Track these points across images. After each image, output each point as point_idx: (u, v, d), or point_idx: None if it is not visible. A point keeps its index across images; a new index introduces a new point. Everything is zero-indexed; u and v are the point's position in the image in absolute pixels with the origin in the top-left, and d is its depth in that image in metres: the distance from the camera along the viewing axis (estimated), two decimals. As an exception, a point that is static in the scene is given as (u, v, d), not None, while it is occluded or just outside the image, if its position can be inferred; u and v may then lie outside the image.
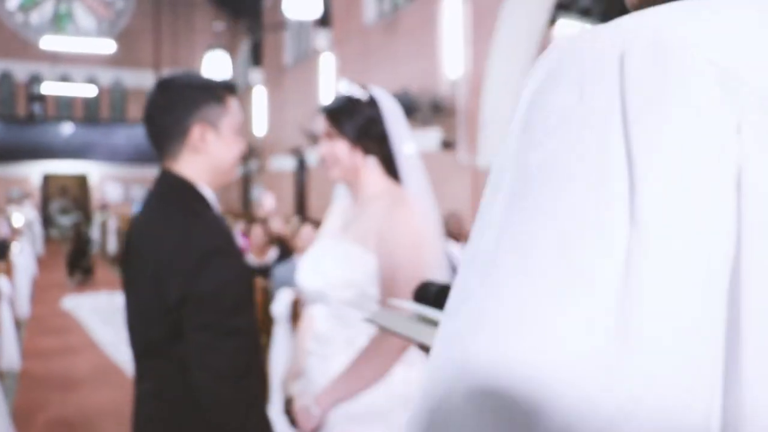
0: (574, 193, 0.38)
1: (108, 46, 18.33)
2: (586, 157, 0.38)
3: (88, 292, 10.26)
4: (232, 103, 1.65)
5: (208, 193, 1.60)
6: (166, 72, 20.37)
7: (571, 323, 0.36)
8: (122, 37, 20.92)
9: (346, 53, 14.04)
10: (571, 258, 0.37)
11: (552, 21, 10.38)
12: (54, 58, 19.87)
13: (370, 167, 1.86)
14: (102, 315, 8.56)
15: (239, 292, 1.48)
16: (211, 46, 14.57)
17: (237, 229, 8.10)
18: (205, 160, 1.59)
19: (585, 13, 11.23)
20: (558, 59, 0.43)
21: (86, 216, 19.52)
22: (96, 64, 21.07)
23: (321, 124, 1.88)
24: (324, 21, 14.28)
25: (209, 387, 1.42)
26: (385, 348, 1.71)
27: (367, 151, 1.84)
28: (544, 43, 10.20)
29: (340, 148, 1.83)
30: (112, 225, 14.51)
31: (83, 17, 21.66)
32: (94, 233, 16.31)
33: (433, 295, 0.75)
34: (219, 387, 1.42)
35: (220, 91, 1.62)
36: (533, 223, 0.39)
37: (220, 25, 19.08)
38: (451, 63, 10.36)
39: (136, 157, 20.59)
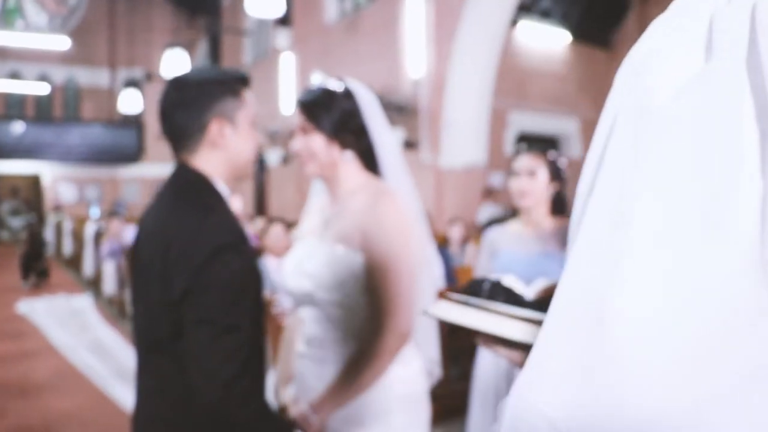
0: (706, 146, 0.38)
1: (61, 43, 17.85)
2: (715, 112, 0.39)
3: (43, 296, 9.94)
4: (247, 95, 1.64)
5: (223, 189, 1.59)
6: (122, 70, 19.95)
7: (713, 274, 0.36)
8: (76, 34, 20.34)
9: (307, 53, 13.94)
10: (706, 211, 0.37)
11: (513, 22, 10.48)
12: (3, 54, 19.29)
13: (348, 162, 1.81)
14: (59, 318, 8.30)
15: (243, 289, 1.45)
16: (168, 45, 14.32)
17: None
18: (223, 154, 1.59)
19: (545, 15, 11.35)
20: (678, 17, 0.43)
21: (39, 217, 19.00)
22: (48, 62, 20.49)
23: (295, 117, 1.81)
24: (284, 20, 14.14)
25: (204, 384, 1.39)
26: (380, 348, 1.66)
27: (344, 145, 1.78)
28: (505, 44, 10.29)
29: (317, 143, 1.77)
30: (68, 226, 14.13)
31: (34, 12, 20.99)
32: (48, 235, 15.89)
33: (488, 291, 0.74)
34: (213, 385, 1.38)
35: (235, 85, 1.61)
36: (664, 177, 0.39)
37: (177, 23, 18.77)
38: (413, 63, 10.35)
39: (91, 157, 20.15)
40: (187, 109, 1.55)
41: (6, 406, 5.11)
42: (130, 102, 17.10)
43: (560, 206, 2.81)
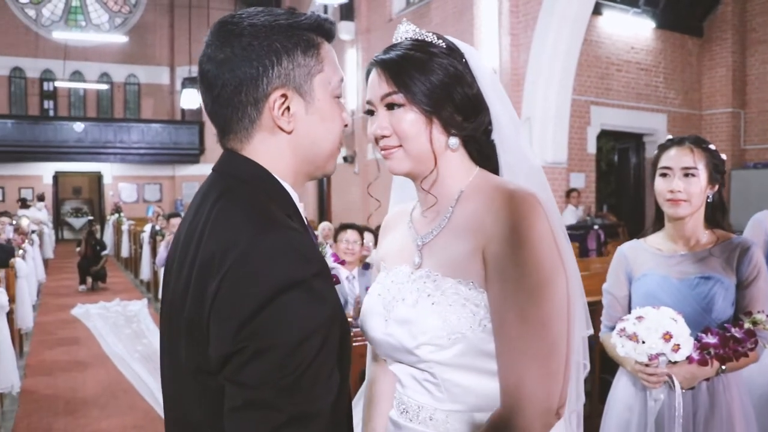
0: None
1: (120, 39, 18.11)
2: None
3: (99, 300, 9.68)
4: (329, 53, 1.11)
5: (293, 194, 1.09)
6: (182, 68, 20.01)
7: None
8: (136, 33, 20.50)
9: (371, 46, 13.67)
10: None
11: (596, 10, 9.66)
12: (66, 54, 19.52)
13: (455, 152, 1.26)
14: (114, 325, 8.01)
15: (321, 352, 0.92)
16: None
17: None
18: (289, 144, 1.08)
19: (630, 1, 10.48)
20: None
21: (100, 217, 19.10)
22: (109, 61, 20.75)
23: (375, 85, 1.26)
24: (347, 13, 13.84)
25: None
26: (520, 429, 1.11)
27: (449, 126, 1.23)
28: (587, 34, 9.53)
29: (408, 122, 1.21)
30: (126, 227, 13.97)
31: (95, 11, 21.44)
32: (107, 235, 15.84)
33: None
34: None
35: (310, 36, 1.07)
36: None
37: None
38: (488, 55, 9.72)
39: (150, 156, 20.18)
40: (233, 70, 1.03)
41: (50, 424, 4.81)
42: (191, 100, 16.92)
43: (718, 215, 2.17)
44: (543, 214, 1.14)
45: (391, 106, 1.23)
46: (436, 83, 1.20)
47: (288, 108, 1.05)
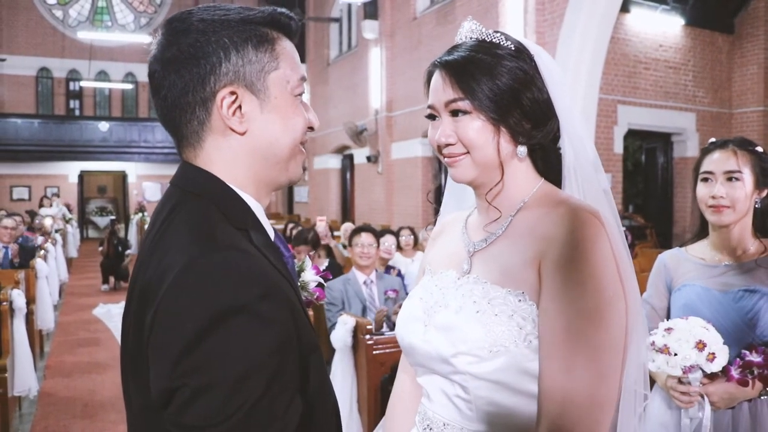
0: None
1: (145, 39, 18.44)
2: None
3: (121, 300, 9.65)
4: (286, 48, 1.02)
5: (254, 205, 1.01)
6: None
7: None
8: (161, 32, 20.74)
9: (395, 45, 13.60)
10: None
11: (623, 7, 9.47)
12: (91, 54, 19.74)
13: (521, 161, 1.21)
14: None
15: (273, 388, 0.83)
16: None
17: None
18: (244, 147, 0.99)
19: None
20: None
21: (124, 216, 19.26)
22: (134, 61, 20.95)
23: (438, 89, 1.20)
24: (371, 12, 13.80)
25: None
26: None
27: (516, 134, 1.17)
28: (615, 32, 9.34)
29: (476, 131, 1.16)
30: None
31: (121, 11, 21.70)
32: (132, 234, 15.94)
33: None
34: None
35: (264, 31, 0.99)
36: None
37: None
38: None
39: (174, 156, 20.26)
40: (179, 70, 0.96)
41: (68, 428, 4.80)
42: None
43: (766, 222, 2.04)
44: (605, 236, 1.08)
45: (455, 113, 1.18)
46: (504, 88, 1.15)
47: (240, 107, 0.97)
